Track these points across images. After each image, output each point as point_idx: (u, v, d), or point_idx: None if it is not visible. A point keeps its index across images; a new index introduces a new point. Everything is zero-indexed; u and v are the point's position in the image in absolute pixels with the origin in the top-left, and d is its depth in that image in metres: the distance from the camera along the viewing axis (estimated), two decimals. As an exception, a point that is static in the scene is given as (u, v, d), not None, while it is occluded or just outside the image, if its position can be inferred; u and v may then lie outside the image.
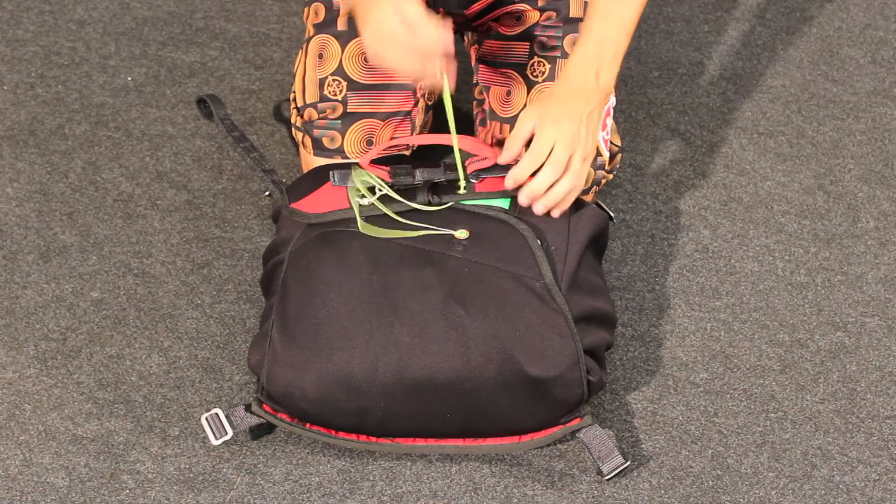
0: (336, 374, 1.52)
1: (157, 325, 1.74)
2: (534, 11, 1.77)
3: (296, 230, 1.63)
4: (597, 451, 1.57)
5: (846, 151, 2.02)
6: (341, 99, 1.75)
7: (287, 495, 1.57)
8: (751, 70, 2.15)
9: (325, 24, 1.77)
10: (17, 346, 1.71)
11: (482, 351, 1.52)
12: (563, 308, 1.55)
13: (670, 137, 2.03)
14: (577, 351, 1.54)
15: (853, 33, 2.22)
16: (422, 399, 1.53)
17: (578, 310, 1.57)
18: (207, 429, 1.57)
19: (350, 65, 1.75)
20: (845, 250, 1.88)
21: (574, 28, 1.76)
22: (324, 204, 1.63)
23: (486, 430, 1.57)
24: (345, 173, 1.65)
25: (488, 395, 1.53)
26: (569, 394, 1.55)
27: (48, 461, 1.59)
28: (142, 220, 1.87)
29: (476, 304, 1.54)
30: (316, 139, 1.77)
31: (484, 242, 1.59)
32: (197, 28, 2.18)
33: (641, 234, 1.88)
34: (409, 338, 1.52)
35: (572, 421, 1.57)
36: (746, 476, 1.61)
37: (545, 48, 1.76)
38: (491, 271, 1.57)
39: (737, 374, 1.72)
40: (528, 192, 1.59)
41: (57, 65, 2.10)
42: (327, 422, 1.56)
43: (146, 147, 1.98)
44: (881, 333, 1.77)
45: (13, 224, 1.86)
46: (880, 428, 1.66)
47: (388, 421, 1.55)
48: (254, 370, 1.59)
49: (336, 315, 1.54)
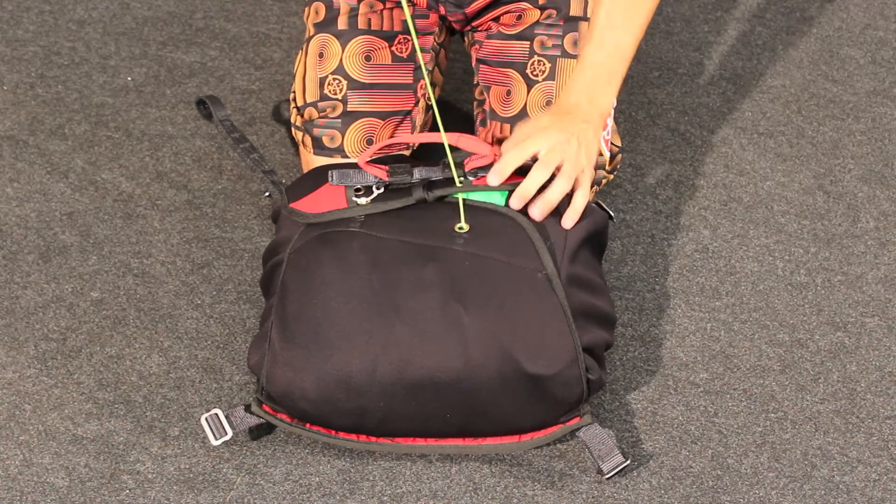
0: (336, 374, 1.52)
1: (157, 325, 1.74)
2: (534, 10, 1.77)
3: (295, 230, 1.63)
4: (597, 450, 1.56)
5: (846, 151, 2.02)
6: (341, 98, 1.75)
7: (287, 495, 1.57)
8: (751, 70, 2.15)
9: (325, 24, 1.77)
10: (17, 346, 1.71)
11: (481, 350, 1.52)
12: (562, 303, 1.55)
13: (670, 137, 2.03)
14: (575, 348, 1.54)
15: (853, 33, 2.22)
16: (421, 399, 1.53)
17: (577, 306, 1.57)
18: (207, 429, 1.57)
19: (350, 64, 1.75)
20: (845, 250, 1.88)
21: (574, 27, 1.76)
22: (323, 204, 1.63)
23: (485, 429, 1.57)
24: (344, 173, 1.65)
25: (488, 394, 1.53)
26: (568, 393, 1.55)
27: (48, 461, 1.59)
28: (142, 220, 1.87)
29: (476, 302, 1.54)
30: (316, 138, 1.77)
31: (485, 235, 1.58)
32: (197, 28, 2.18)
33: (641, 234, 1.88)
34: (409, 337, 1.52)
35: (572, 420, 1.57)
36: (746, 476, 1.61)
37: (545, 47, 1.76)
38: (492, 264, 1.56)
39: (737, 374, 1.72)
40: (519, 194, 1.59)
41: (57, 65, 2.10)
42: (327, 422, 1.56)
43: (146, 147, 1.98)
44: (881, 333, 1.77)
45: (13, 224, 1.86)
46: (880, 428, 1.66)
47: (388, 421, 1.55)
48: (253, 370, 1.59)
49: (336, 315, 1.54)
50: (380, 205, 1.61)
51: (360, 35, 1.75)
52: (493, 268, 1.56)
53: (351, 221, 1.60)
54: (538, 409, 1.56)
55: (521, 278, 1.56)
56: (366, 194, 1.62)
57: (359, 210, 1.60)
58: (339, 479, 1.58)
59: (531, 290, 1.55)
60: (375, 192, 1.63)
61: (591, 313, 1.59)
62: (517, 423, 1.57)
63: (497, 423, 1.56)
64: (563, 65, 1.76)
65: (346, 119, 1.76)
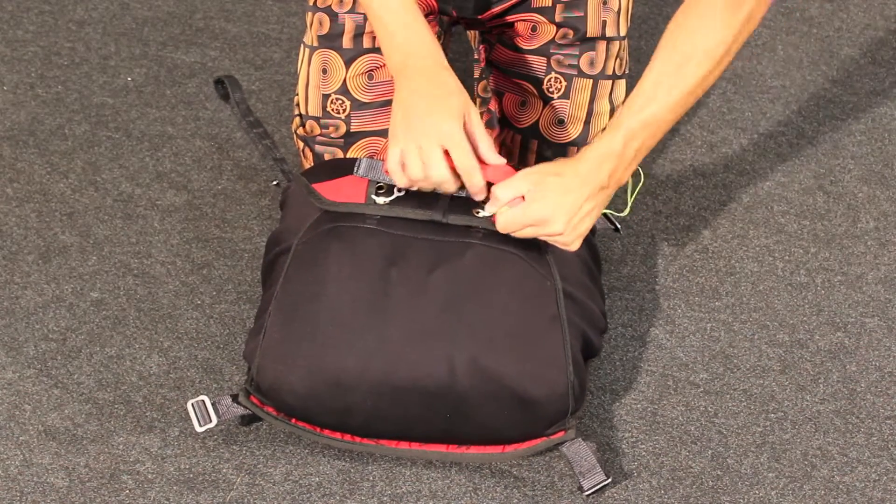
0: (327, 371, 1.51)
1: (157, 325, 1.74)
2: (550, 25, 1.72)
3: (305, 220, 1.61)
4: (578, 466, 1.56)
5: (846, 151, 2.02)
6: (344, 118, 1.73)
7: (287, 495, 1.57)
8: (751, 70, 2.15)
9: (329, 38, 1.73)
10: (17, 346, 1.71)
11: (470, 363, 1.51)
12: (562, 318, 1.55)
13: (670, 137, 2.03)
14: (566, 367, 1.54)
15: (853, 33, 2.22)
16: (407, 402, 1.52)
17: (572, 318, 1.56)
18: (193, 415, 1.57)
19: (354, 84, 1.72)
20: (845, 250, 1.88)
21: (591, 47, 1.73)
22: (342, 194, 1.61)
23: (470, 437, 1.57)
24: (371, 164, 1.61)
25: (474, 404, 1.52)
26: (553, 410, 1.55)
27: (48, 461, 1.59)
28: (142, 221, 1.87)
29: (474, 314, 1.53)
30: (317, 154, 1.76)
31: (501, 236, 1.57)
32: (197, 28, 2.18)
33: (641, 234, 1.88)
34: (400, 341, 1.52)
35: (557, 434, 1.57)
36: (746, 476, 1.61)
37: (562, 65, 1.74)
38: (508, 259, 1.55)
39: (737, 374, 1.72)
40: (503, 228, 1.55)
41: (57, 65, 2.10)
42: (312, 418, 1.56)
43: (146, 147, 1.98)
44: (881, 333, 1.77)
45: (13, 224, 1.86)
46: (880, 428, 1.66)
47: (373, 422, 1.54)
48: (247, 359, 1.58)
49: (337, 312, 1.53)
50: (397, 209, 1.59)
51: (365, 54, 1.72)
52: (506, 266, 1.55)
53: (367, 217, 1.59)
54: (523, 422, 1.55)
55: (531, 283, 1.55)
56: (386, 193, 1.60)
57: (375, 209, 1.59)
58: (339, 479, 1.58)
59: (536, 299, 1.54)
60: (396, 193, 1.61)
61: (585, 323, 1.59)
62: (502, 434, 1.56)
63: (481, 432, 1.56)
64: (579, 84, 1.74)
65: (349, 140, 1.73)
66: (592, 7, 1.71)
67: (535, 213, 1.51)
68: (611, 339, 1.75)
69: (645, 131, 1.54)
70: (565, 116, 1.75)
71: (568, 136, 1.76)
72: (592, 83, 1.74)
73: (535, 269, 1.56)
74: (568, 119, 1.75)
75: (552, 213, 1.50)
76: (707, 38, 1.53)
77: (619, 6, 1.73)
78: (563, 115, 1.75)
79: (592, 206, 1.53)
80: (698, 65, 1.53)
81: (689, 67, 1.53)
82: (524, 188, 1.51)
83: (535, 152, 1.77)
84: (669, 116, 1.55)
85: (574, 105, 1.75)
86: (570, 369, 1.54)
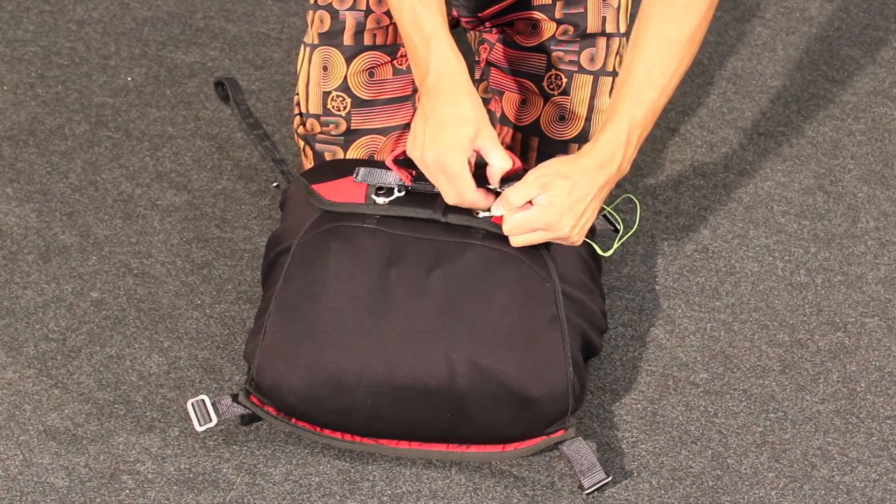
0: (327, 372, 1.52)
1: (157, 325, 1.74)
2: (550, 23, 1.74)
3: (305, 220, 1.61)
4: (578, 464, 1.56)
5: (846, 151, 2.02)
6: (345, 115, 1.73)
7: (287, 495, 1.57)
8: (751, 70, 2.15)
9: (330, 35, 1.73)
10: (17, 346, 1.71)
11: (470, 363, 1.51)
12: (562, 319, 1.55)
13: (670, 137, 2.03)
14: (566, 367, 1.54)
15: (853, 33, 2.22)
16: (407, 402, 1.52)
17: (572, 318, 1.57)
18: (192, 415, 1.57)
19: (354, 81, 1.72)
20: (845, 250, 1.88)
21: (591, 43, 1.74)
22: (342, 194, 1.61)
23: (470, 436, 1.57)
24: (370, 171, 1.63)
25: (473, 403, 1.53)
26: (553, 409, 1.55)
27: (48, 461, 1.59)
28: (142, 220, 1.87)
29: (474, 314, 1.53)
30: (317, 153, 1.76)
31: (501, 237, 1.57)
32: (197, 28, 2.18)
33: (641, 234, 1.89)
34: (400, 342, 1.52)
35: (556, 433, 1.57)
36: (746, 476, 1.61)
37: (562, 61, 1.75)
38: (507, 260, 1.56)
39: (737, 374, 1.72)
40: (509, 232, 1.56)
41: (57, 65, 2.10)
42: (313, 418, 1.56)
43: (146, 147, 1.98)
44: (881, 333, 1.77)
45: (13, 224, 1.86)
46: (880, 428, 1.66)
47: (373, 421, 1.54)
48: (247, 359, 1.58)
49: (337, 312, 1.53)
50: (397, 208, 1.59)
51: (366, 51, 1.72)
52: (506, 266, 1.55)
53: (367, 218, 1.60)
54: (523, 421, 1.55)
55: (531, 283, 1.55)
56: (386, 194, 1.61)
57: (375, 209, 1.59)
58: (339, 479, 1.58)
59: (535, 300, 1.55)
60: (396, 193, 1.62)
61: (584, 323, 1.59)
62: (502, 433, 1.56)
63: (481, 431, 1.56)
64: (579, 80, 1.75)
65: (349, 137, 1.74)
66: (592, 4, 1.72)
67: (544, 218, 1.52)
68: (611, 339, 1.75)
69: (647, 119, 1.55)
70: (566, 113, 1.75)
71: (569, 132, 1.76)
72: (593, 79, 1.75)
73: (534, 270, 1.56)
74: (569, 116, 1.75)
75: (560, 218, 1.51)
76: (687, 21, 1.55)
77: (618, 3, 1.73)
78: (563, 111, 1.75)
79: (598, 202, 1.55)
80: (684, 47, 1.55)
81: (676, 51, 1.55)
82: (533, 192, 1.51)
83: (536, 150, 1.78)
84: (664, 101, 1.57)
85: (575, 102, 1.75)
86: (570, 369, 1.54)
